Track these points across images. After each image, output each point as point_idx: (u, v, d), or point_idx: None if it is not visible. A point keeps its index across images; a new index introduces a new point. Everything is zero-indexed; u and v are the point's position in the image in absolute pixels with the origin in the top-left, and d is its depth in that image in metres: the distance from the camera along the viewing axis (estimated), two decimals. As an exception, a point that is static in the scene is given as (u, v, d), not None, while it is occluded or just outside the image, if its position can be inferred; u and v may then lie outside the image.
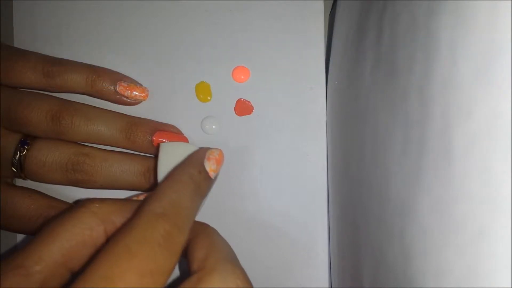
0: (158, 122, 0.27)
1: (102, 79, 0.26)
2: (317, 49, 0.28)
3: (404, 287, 0.17)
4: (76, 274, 0.19)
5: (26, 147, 0.25)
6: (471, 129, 0.14)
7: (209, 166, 0.23)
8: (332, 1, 0.29)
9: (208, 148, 0.24)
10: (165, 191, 0.20)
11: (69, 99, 0.26)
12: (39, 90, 0.26)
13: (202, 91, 0.28)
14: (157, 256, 0.17)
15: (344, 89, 0.25)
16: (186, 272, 0.19)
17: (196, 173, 0.22)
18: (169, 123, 0.28)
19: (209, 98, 0.28)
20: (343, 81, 0.26)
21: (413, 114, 0.17)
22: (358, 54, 0.23)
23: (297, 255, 0.28)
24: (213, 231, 0.21)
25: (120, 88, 0.26)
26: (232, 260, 0.19)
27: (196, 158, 0.23)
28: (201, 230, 0.21)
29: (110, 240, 0.17)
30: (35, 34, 0.28)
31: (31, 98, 0.25)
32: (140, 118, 0.27)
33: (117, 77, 0.26)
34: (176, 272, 0.27)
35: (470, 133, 0.14)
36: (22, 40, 0.28)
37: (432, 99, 0.16)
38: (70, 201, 0.27)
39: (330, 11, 0.29)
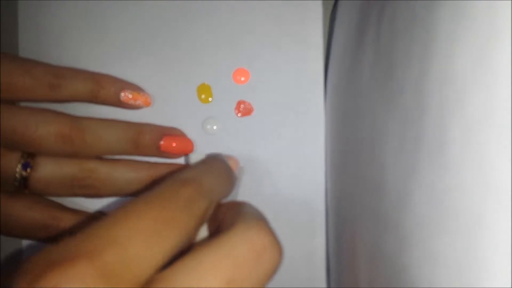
0: (163, 126, 0.28)
1: (106, 90, 0.26)
2: (316, 50, 0.29)
3: (399, 277, 0.18)
4: None
5: (28, 170, 0.25)
6: (466, 122, 0.14)
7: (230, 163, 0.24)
8: (333, 1, 0.29)
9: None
10: (192, 166, 0.20)
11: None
12: (44, 102, 0.26)
13: (204, 92, 0.29)
14: (174, 210, 0.16)
15: (344, 86, 0.26)
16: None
17: (222, 163, 0.23)
18: (171, 123, 0.28)
19: (210, 99, 0.29)
20: (342, 79, 0.26)
21: (410, 108, 0.18)
22: (358, 51, 0.24)
23: (296, 255, 0.28)
24: (243, 202, 0.21)
25: (124, 98, 0.27)
26: (257, 216, 0.18)
27: (220, 158, 0.24)
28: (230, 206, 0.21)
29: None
30: (40, 37, 0.28)
31: (37, 119, 0.25)
32: (145, 124, 0.27)
33: (120, 85, 0.27)
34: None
35: (465, 126, 0.14)
36: (27, 43, 0.28)
37: (429, 93, 0.16)
38: (74, 204, 0.27)
39: (331, 11, 0.30)
